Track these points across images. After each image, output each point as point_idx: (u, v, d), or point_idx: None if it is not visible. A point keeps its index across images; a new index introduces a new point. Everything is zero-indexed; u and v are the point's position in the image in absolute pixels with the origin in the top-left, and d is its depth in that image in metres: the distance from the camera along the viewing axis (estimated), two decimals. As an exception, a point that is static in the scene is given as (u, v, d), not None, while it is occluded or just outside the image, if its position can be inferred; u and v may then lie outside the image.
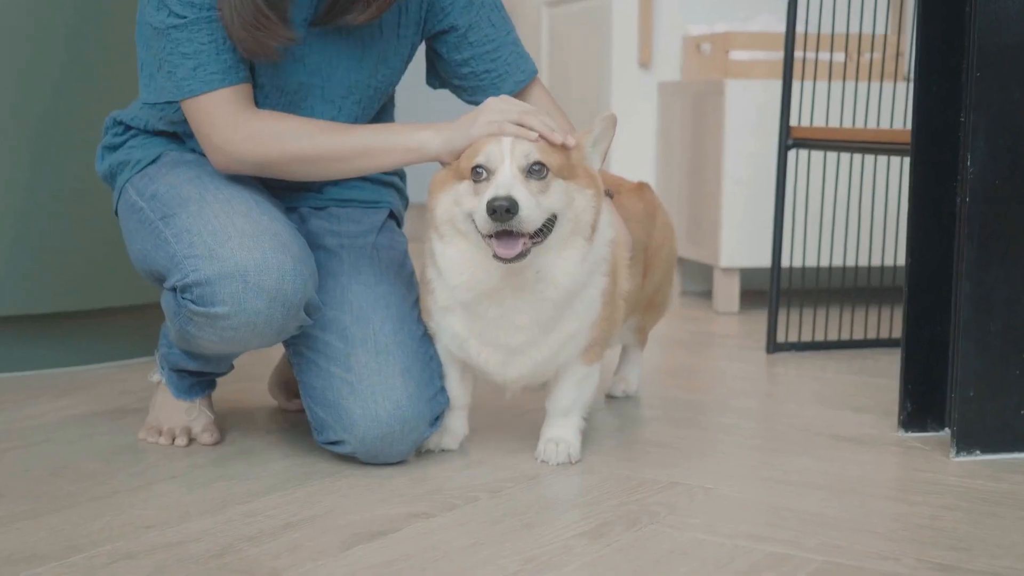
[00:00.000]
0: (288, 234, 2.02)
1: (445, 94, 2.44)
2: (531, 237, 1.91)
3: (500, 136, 1.95)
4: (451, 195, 2.00)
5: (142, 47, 2.13)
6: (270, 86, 2.11)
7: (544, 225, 1.93)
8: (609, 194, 2.21)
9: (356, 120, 2.22)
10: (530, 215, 1.88)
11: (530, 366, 2.09)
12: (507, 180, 1.89)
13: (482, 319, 2.04)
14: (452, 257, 2.02)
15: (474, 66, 2.25)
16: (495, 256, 1.90)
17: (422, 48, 2.32)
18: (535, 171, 1.93)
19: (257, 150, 2.04)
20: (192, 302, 1.98)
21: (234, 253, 1.96)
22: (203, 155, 2.18)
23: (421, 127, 2.03)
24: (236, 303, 1.95)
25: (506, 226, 1.87)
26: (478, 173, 1.94)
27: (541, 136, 1.95)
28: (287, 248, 1.99)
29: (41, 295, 2.83)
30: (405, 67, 2.28)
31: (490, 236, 1.90)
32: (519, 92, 2.28)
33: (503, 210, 1.85)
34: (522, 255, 1.90)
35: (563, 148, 1.98)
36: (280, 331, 2.02)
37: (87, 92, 2.83)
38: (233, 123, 2.03)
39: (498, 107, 1.99)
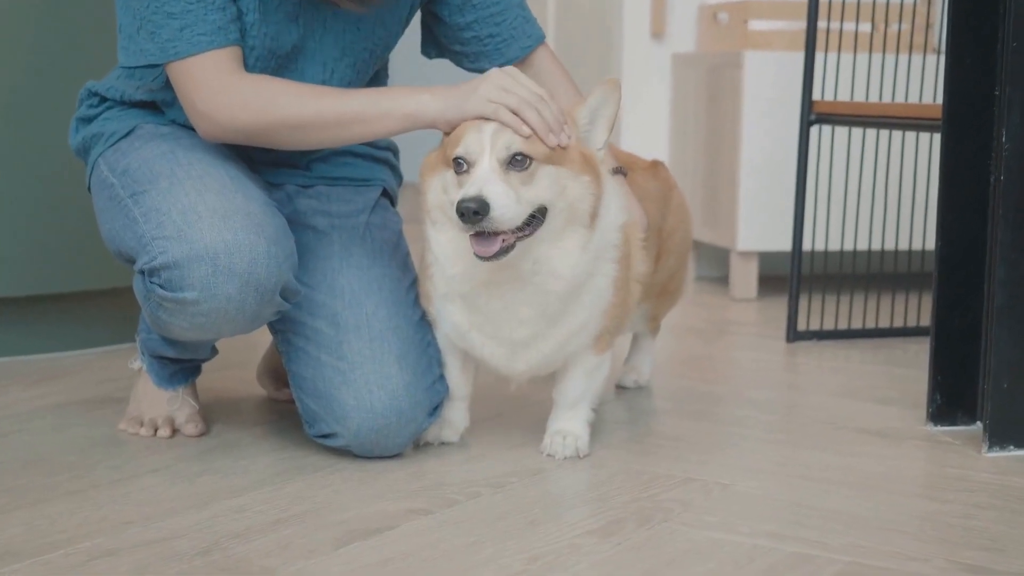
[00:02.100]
0: (264, 213, 2.01)
1: (441, 64, 2.43)
2: (518, 230, 1.91)
3: (482, 124, 1.94)
4: (440, 181, 2.00)
5: (121, 7, 2.12)
6: (262, 48, 2.10)
7: (533, 217, 1.93)
8: (622, 172, 2.20)
9: (349, 85, 2.21)
10: (504, 214, 1.86)
11: (537, 359, 2.08)
12: (480, 177, 1.88)
13: (483, 311, 2.04)
14: (444, 245, 2.02)
15: (477, 30, 2.24)
16: (475, 254, 1.90)
17: (418, 15, 2.31)
18: (517, 162, 1.92)
19: (245, 117, 2.03)
20: (160, 286, 1.97)
21: (204, 234, 1.95)
22: (181, 127, 2.18)
23: (419, 91, 2.02)
24: (205, 288, 1.94)
25: (478, 228, 1.87)
26: (459, 164, 1.94)
27: (534, 132, 1.93)
28: (261, 228, 1.98)
29: (14, 277, 2.82)
30: (402, 31, 2.27)
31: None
32: (525, 57, 2.27)
33: (471, 212, 1.84)
34: (503, 252, 1.90)
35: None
36: (254, 317, 2.01)
37: (62, 62, 2.82)
38: (220, 88, 2.02)
39: (500, 82, 1.97)
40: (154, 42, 2.03)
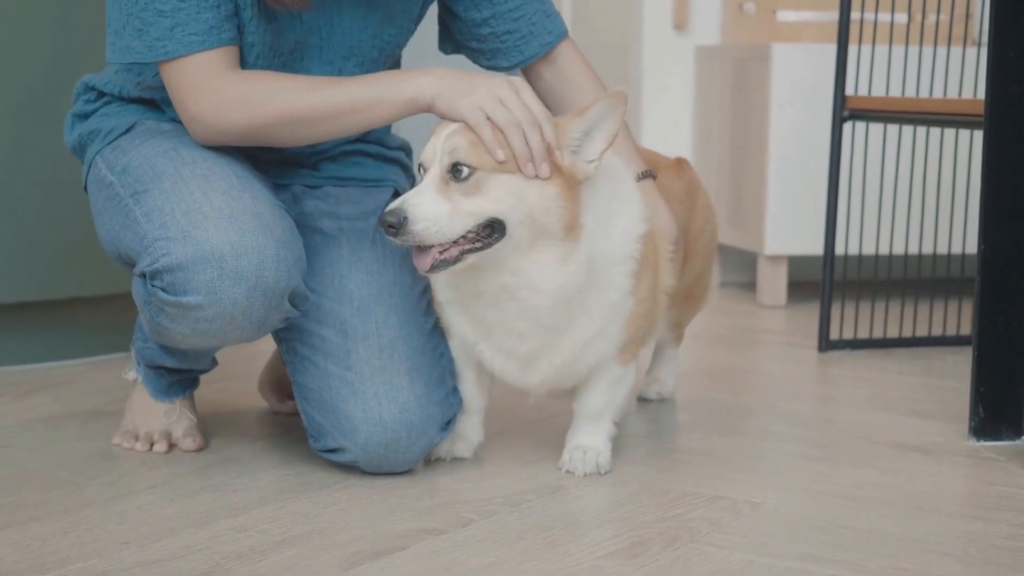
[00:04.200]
0: (272, 214, 2.02)
1: (458, 59, 2.43)
2: (468, 242, 1.92)
3: (442, 129, 1.95)
4: None
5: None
6: (261, 45, 2.10)
7: (490, 228, 1.93)
8: (652, 175, 2.19)
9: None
10: (427, 228, 1.89)
11: (551, 371, 2.08)
12: (415, 189, 1.91)
13: (483, 322, 2.05)
14: None
15: (495, 26, 2.24)
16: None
17: (433, 8, 2.30)
18: (458, 172, 1.92)
19: (240, 117, 2.03)
20: (163, 290, 1.97)
21: (209, 235, 1.95)
22: (183, 124, 2.18)
23: (418, 74, 2.01)
24: (211, 292, 1.95)
25: (399, 241, 1.90)
26: (419, 170, 1.97)
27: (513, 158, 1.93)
28: (269, 230, 1.98)
29: (3, 283, 2.82)
30: (415, 27, 2.27)
31: None
32: (546, 54, 2.26)
33: (386, 225, 1.88)
34: (442, 265, 1.92)
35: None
36: (261, 324, 2.01)
37: (54, 55, 2.82)
38: (213, 90, 2.02)
39: (499, 93, 1.95)
40: (141, 40, 2.03)
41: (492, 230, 1.93)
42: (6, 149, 2.79)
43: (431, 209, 1.90)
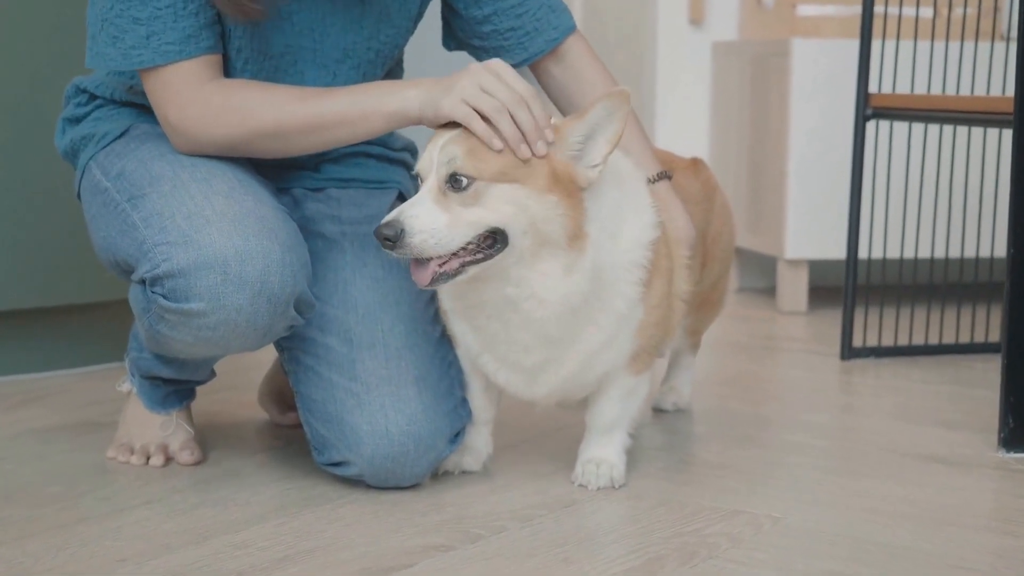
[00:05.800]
0: (276, 218, 2.02)
1: (465, 55, 2.44)
2: (468, 254, 1.92)
3: (439, 137, 1.95)
4: None
5: (90, 2, 2.12)
6: (250, 50, 2.11)
7: (492, 239, 1.93)
8: (667, 176, 2.20)
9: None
10: (425, 240, 1.89)
11: (558, 383, 2.09)
12: (412, 200, 1.92)
13: (486, 333, 2.05)
14: None
15: (496, 23, 2.24)
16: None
17: (435, 6, 2.31)
18: (456, 182, 1.91)
19: (221, 130, 2.03)
20: (163, 297, 1.98)
21: (212, 240, 1.95)
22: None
23: (405, 85, 2.01)
24: (214, 298, 1.95)
25: (396, 254, 1.90)
26: (416, 180, 1.97)
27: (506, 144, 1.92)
28: (274, 234, 1.99)
29: (-7, 290, 2.83)
30: (414, 26, 2.27)
31: None
32: (553, 50, 2.26)
33: (382, 238, 1.88)
34: (443, 278, 1.92)
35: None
36: (266, 331, 2.02)
37: (49, 58, 2.83)
38: (192, 100, 2.03)
39: (479, 80, 1.95)
40: (116, 47, 2.03)
41: (494, 240, 1.93)
42: (-5, 152, 2.81)
43: (429, 220, 1.89)
